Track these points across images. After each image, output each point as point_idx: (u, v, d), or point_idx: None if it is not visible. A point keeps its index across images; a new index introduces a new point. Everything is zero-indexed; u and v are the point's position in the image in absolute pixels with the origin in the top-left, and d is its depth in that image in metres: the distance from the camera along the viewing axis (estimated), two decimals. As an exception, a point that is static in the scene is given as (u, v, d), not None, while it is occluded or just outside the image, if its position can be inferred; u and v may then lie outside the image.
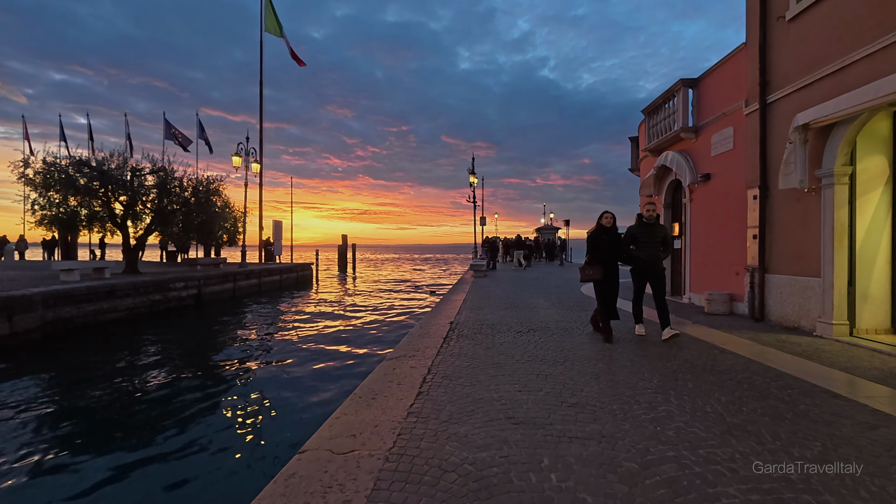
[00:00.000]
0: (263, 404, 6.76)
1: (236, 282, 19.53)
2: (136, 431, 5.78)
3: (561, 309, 8.62)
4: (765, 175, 6.91)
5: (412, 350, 5.32)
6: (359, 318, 14.51)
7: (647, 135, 10.95)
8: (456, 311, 8.32)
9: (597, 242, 5.81)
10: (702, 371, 4.29)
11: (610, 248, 5.80)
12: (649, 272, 5.86)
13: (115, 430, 5.80)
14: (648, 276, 5.90)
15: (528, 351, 5.14)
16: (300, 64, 28.59)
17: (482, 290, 12.29)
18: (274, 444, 5.36)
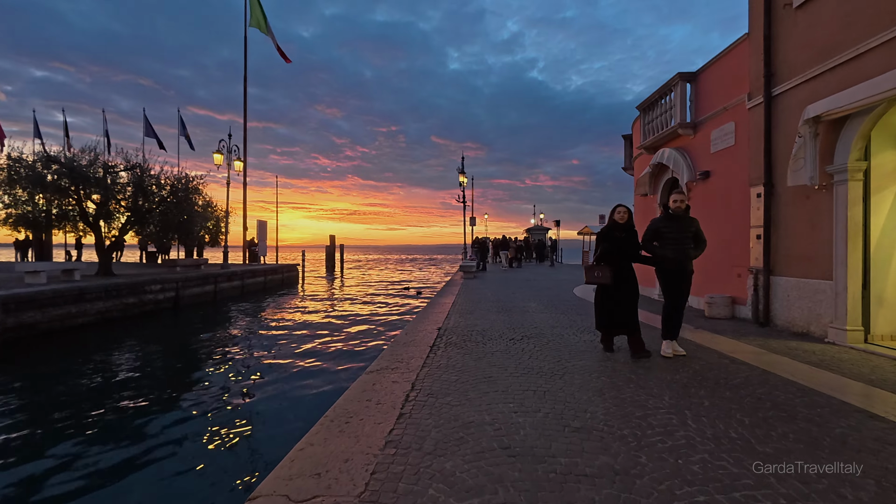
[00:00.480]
0: (223, 430, 5.79)
1: (217, 284, 18.84)
2: (61, 463, 5.19)
3: (554, 313, 8.19)
4: (770, 172, 6.55)
5: (395, 361, 4.84)
6: (343, 323, 13.95)
7: (643, 132, 10.60)
8: (444, 316, 7.85)
9: (608, 241, 4.95)
10: (715, 385, 3.87)
11: (624, 247, 4.90)
12: (678, 274, 4.89)
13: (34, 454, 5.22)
14: (678, 279, 4.90)
15: (522, 362, 4.69)
16: (286, 60, 27.99)
17: (472, 292, 11.84)
18: (224, 487, 4.51)
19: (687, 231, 4.89)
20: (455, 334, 6.19)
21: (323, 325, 13.31)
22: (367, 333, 12.07)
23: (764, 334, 6.12)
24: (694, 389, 3.75)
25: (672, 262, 4.83)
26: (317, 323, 13.95)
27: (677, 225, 4.90)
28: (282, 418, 6.22)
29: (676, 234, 4.86)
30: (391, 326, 13.05)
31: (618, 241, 4.91)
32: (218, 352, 10.05)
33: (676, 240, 4.85)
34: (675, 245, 4.83)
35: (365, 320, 14.37)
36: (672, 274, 4.89)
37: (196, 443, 5.46)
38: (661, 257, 4.89)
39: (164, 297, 15.46)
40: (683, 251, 4.84)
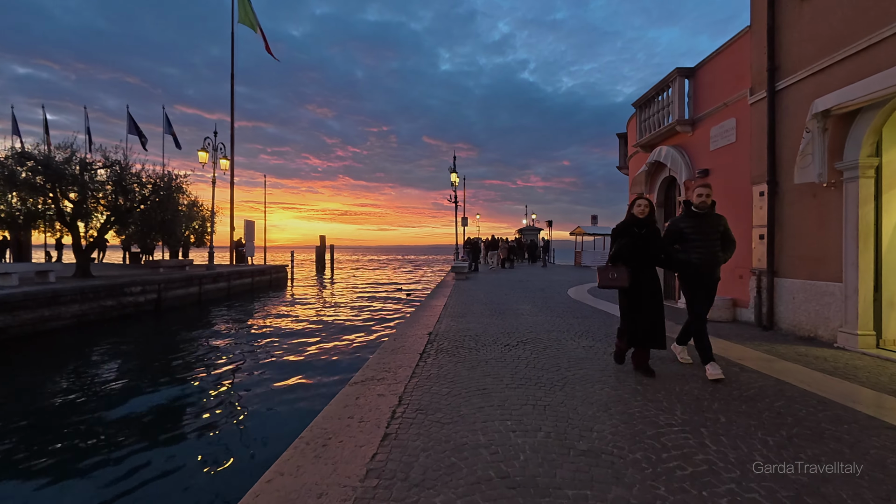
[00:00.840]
0: (186, 455, 5.13)
1: (202, 285, 18.31)
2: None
3: (550, 315, 7.89)
4: (773, 169, 6.30)
5: (382, 370, 4.48)
6: (331, 328, 13.51)
7: (639, 129, 10.35)
8: (436, 319, 7.51)
9: (624, 238, 4.20)
10: (729, 398, 3.57)
11: (646, 246, 4.17)
12: (704, 281, 4.28)
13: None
14: (704, 287, 4.29)
15: (518, 371, 4.36)
16: (274, 59, 27.46)
17: (464, 293, 11.50)
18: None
19: (714, 231, 4.24)
20: (446, 340, 5.85)
21: (310, 330, 12.88)
22: (355, 338, 11.66)
23: (769, 339, 5.86)
24: (707, 402, 3.45)
25: (698, 267, 4.21)
26: (303, 327, 13.53)
27: (703, 224, 4.24)
28: (255, 438, 5.67)
29: (702, 235, 4.22)
30: (380, 331, 12.66)
31: (637, 239, 4.18)
32: (195, 359, 9.59)
33: (702, 241, 4.21)
34: (701, 248, 4.20)
35: (353, 324, 13.93)
36: (698, 280, 4.28)
37: (159, 468, 5.05)
38: (685, 263, 4.27)
39: (146, 299, 14.93)
40: (711, 255, 4.21)
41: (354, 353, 9.90)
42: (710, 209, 4.31)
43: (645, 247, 4.17)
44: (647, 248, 4.17)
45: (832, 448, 2.67)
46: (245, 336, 11.91)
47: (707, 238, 4.22)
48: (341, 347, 10.57)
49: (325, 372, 8.43)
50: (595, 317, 7.77)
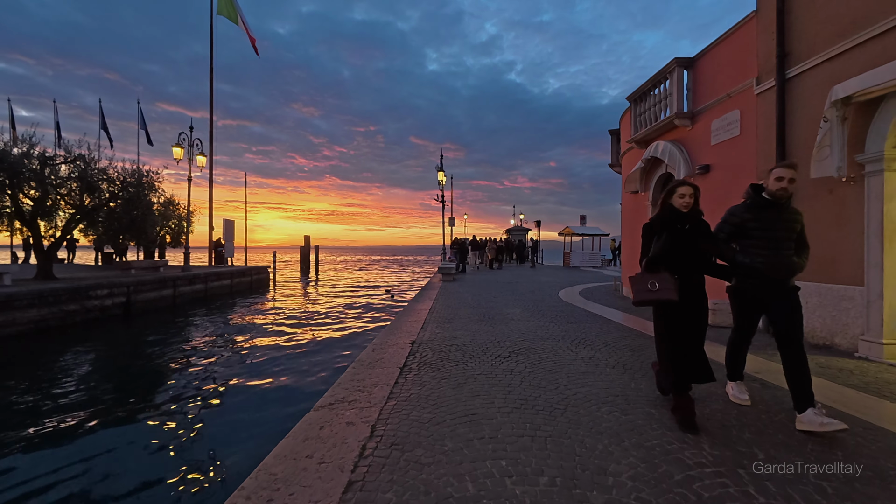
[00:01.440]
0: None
1: (176, 288, 17.43)
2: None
3: (542, 321, 7.36)
4: (784, 163, 5.85)
5: (355, 389, 3.88)
6: (310, 334, 12.78)
7: (633, 124, 9.90)
8: (420, 326, 6.92)
9: (668, 235, 3.11)
10: (760, 424, 3.05)
11: (692, 246, 3.12)
12: (770, 295, 3.17)
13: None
14: (767, 303, 3.20)
15: (512, 389, 3.79)
16: (256, 54, 26.55)
17: (451, 296, 10.93)
18: None
19: (790, 228, 3.17)
20: (431, 350, 5.26)
21: (286, 337, 12.16)
22: (334, 347, 10.91)
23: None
24: (736, 431, 2.92)
25: (759, 274, 3.16)
26: (281, 331, 12.82)
27: (776, 217, 3.15)
28: (202, 483, 4.66)
29: (772, 232, 3.14)
30: (362, 337, 11.94)
31: (682, 236, 3.10)
32: (151, 373, 8.76)
33: (772, 240, 3.14)
34: (768, 248, 3.14)
35: (334, 330, 13.15)
36: (754, 293, 3.26)
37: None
38: (744, 267, 3.22)
39: (113, 302, 14.06)
40: (783, 259, 3.13)
41: (332, 364, 9.20)
42: (788, 201, 3.19)
43: (691, 247, 3.10)
44: (695, 247, 3.11)
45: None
46: (216, 344, 11.16)
47: (779, 236, 3.14)
48: (318, 357, 9.87)
49: (297, 388, 7.57)
50: (590, 322, 7.26)
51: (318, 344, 10.98)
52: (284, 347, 10.52)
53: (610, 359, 4.83)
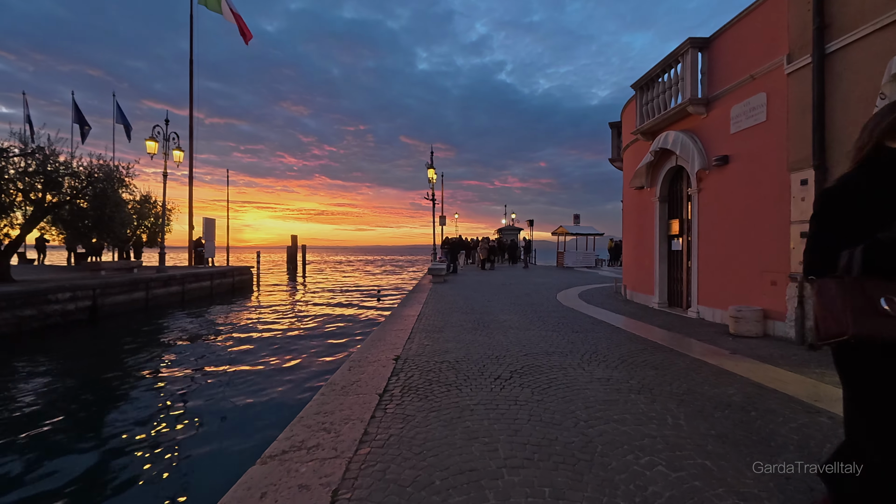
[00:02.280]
0: None
1: (149, 290, 16.38)
2: None
3: (543, 329, 6.56)
4: (822, 151, 5.12)
5: (319, 427, 3.04)
6: (289, 342, 11.80)
7: (639, 114, 9.15)
8: (406, 336, 6.09)
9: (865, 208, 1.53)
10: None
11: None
12: None
13: None
14: None
15: (519, 428, 2.98)
16: (245, 40, 25.29)
17: (441, 300, 10.11)
18: None
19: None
20: (417, 369, 4.44)
21: (262, 347, 11.21)
22: (313, 361, 9.79)
23: (825, 363, 4.65)
24: (820, 485, 2.13)
25: None
26: (256, 341, 11.89)
27: None
28: None
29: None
30: (345, 348, 10.91)
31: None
32: (104, 392, 7.83)
33: None
34: None
35: (315, 340, 11.92)
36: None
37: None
38: None
39: (77, 307, 13.00)
40: None
41: (307, 383, 8.11)
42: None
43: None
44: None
45: None
46: (184, 356, 10.21)
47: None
48: (295, 375, 8.81)
49: (266, 410, 6.49)
50: (596, 330, 6.49)
51: (297, 355, 10.05)
52: (259, 360, 9.58)
53: (631, 380, 4.04)
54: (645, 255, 9.45)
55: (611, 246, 28.52)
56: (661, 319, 7.49)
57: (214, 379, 8.03)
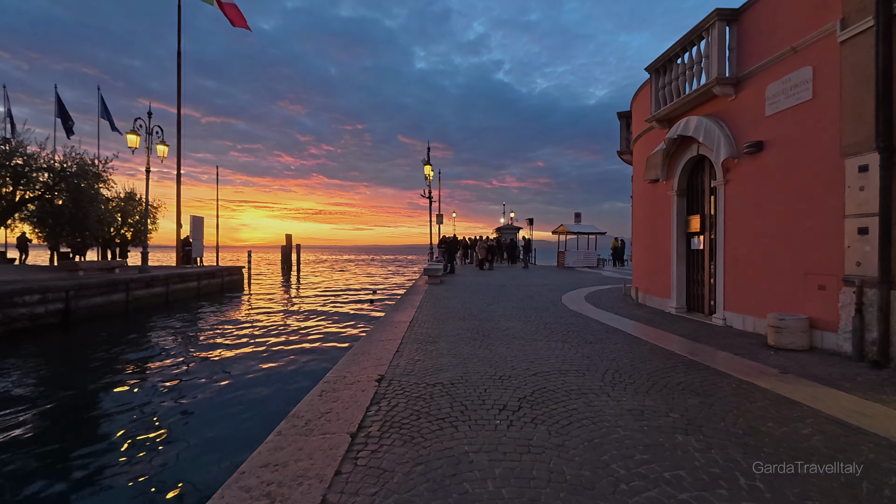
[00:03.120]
0: None
1: (130, 291, 15.50)
2: None
3: (552, 339, 5.73)
4: (889, 131, 4.30)
5: (262, 491, 2.20)
6: (275, 353, 10.63)
7: (654, 99, 8.32)
8: (394, 348, 5.25)
9: None
10: None
11: None
12: None
13: None
14: None
15: (537, 497, 2.14)
16: (234, 24, 24.26)
17: (437, 304, 9.27)
18: None
19: None
20: (404, 395, 3.60)
21: (244, 357, 10.34)
22: (291, 376, 8.45)
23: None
24: None
25: None
26: (238, 346, 11.04)
27: None
28: None
29: None
30: (329, 357, 9.79)
31: None
32: (59, 412, 7.02)
33: None
34: None
35: (298, 356, 10.14)
36: None
37: None
38: None
39: (47, 310, 12.12)
40: None
41: (275, 409, 6.92)
42: None
43: None
44: None
45: None
46: (153, 369, 9.35)
47: None
48: (268, 389, 7.92)
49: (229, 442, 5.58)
50: (614, 340, 5.66)
51: (272, 372, 8.91)
52: (235, 372, 8.70)
53: (671, 412, 3.21)
54: (659, 255, 8.62)
55: (616, 245, 27.68)
56: (683, 327, 6.66)
57: (172, 402, 7.15)
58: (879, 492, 2.17)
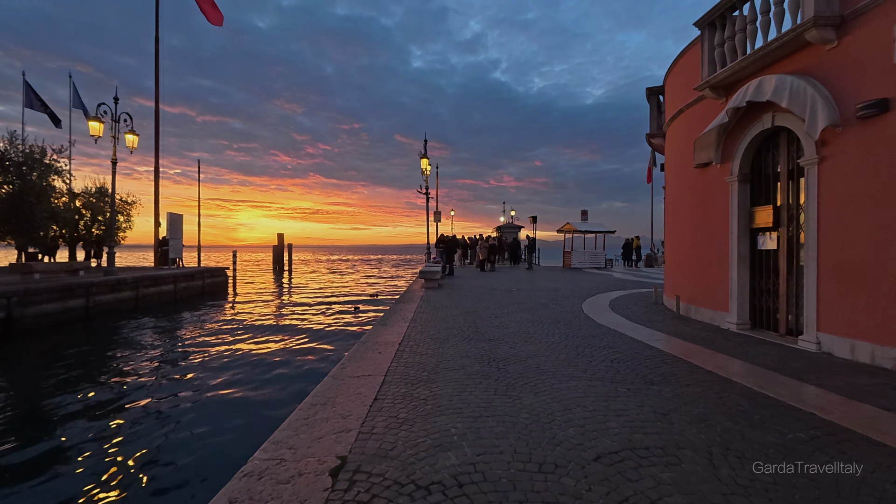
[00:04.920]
0: None
1: (91, 296, 13.79)
2: None
3: (597, 379, 4.04)
4: None
5: None
6: (241, 383, 8.62)
7: (708, 61, 6.64)
8: (372, 395, 3.56)
9: None
10: None
11: None
12: None
13: None
14: None
15: None
16: (209, 19, 22.59)
17: (435, 315, 7.60)
18: None
19: None
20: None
21: (203, 385, 8.67)
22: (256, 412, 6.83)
23: None
24: None
25: None
26: (200, 369, 9.36)
27: None
28: None
29: None
30: (295, 391, 7.59)
31: None
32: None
33: None
34: None
35: (263, 389, 7.64)
36: None
37: None
38: None
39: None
40: None
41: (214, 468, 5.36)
42: None
43: None
44: None
45: None
46: (86, 399, 7.67)
47: None
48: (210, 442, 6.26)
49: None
50: (684, 379, 3.99)
51: (201, 436, 6.83)
52: (184, 406, 7.02)
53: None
54: (710, 256, 6.96)
55: (636, 245, 26.01)
56: (762, 354, 4.98)
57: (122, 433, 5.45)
58: None
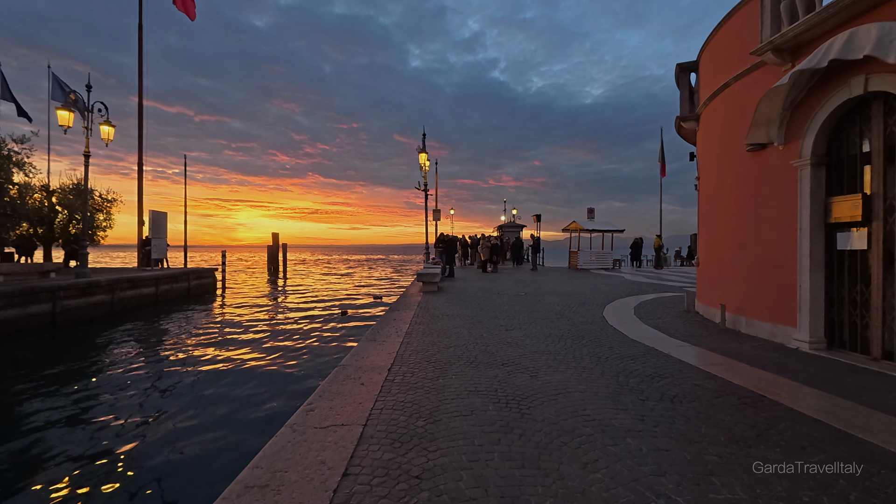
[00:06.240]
0: None
1: (58, 301, 12.58)
2: None
3: (649, 419, 2.83)
4: None
5: None
6: (160, 436, 7.46)
7: (770, 20, 5.42)
8: (346, 457, 2.34)
9: None
10: None
11: None
12: None
13: None
14: None
15: None
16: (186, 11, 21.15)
17: (433, 327, 6.38)
18: None
19: None
20: None
21: (171, 412, 7.47)
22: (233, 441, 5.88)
23: None
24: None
25: None
26: (171, 394, 8.17)
27: None
28: None
29: None
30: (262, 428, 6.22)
31: None
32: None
33: None
34: None
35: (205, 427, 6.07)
36: None
37: None
38: None
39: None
40: None
41: None
42: None
43: None
44: None
45: None
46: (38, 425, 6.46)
47: None
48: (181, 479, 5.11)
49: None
50: (783, 428, 2.79)
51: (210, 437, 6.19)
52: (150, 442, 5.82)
53: None
54: (767, 257, 5.75)
55: (657, 245, 24.83)
56: (873, 390, 3.77)
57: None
58: None
